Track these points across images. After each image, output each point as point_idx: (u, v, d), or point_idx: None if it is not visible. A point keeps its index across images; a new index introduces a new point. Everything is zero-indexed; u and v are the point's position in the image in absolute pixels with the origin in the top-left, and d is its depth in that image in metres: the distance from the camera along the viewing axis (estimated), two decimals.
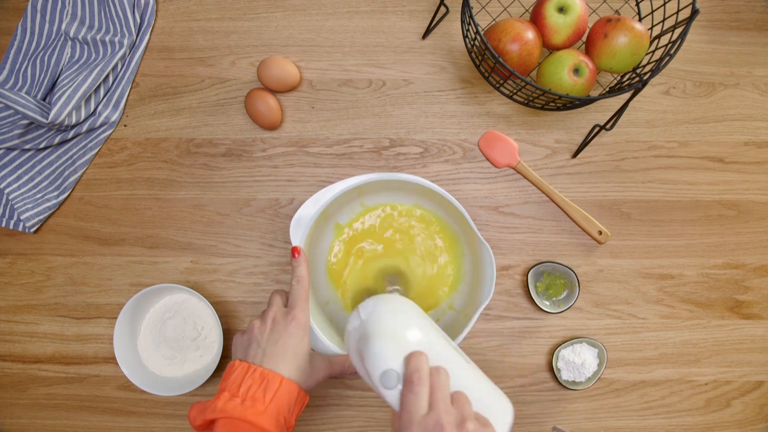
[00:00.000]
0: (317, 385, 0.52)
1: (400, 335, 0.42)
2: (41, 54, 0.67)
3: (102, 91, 0.66)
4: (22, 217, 0.64)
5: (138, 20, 0.67)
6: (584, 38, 0.64)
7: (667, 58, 0.54)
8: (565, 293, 0.65)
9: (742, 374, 0.65)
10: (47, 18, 0.67)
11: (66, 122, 0.63)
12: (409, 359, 0.40)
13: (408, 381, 0.39)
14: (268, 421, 0.44)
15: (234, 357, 0.50)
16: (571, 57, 0.59)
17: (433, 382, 0.40)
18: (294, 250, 0.55)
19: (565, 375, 0.63)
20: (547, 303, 0.65)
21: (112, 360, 0.65)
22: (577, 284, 0.63)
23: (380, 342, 0.41)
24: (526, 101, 0.62)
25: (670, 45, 0.57)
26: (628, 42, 0.57)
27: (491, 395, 0.44)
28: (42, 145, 0.65)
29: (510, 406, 0.44)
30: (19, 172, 0.66)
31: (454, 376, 0.42)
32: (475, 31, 0.55)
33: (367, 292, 0.62)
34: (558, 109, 0.62)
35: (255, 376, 0.46)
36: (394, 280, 0.62)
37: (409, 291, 0.62)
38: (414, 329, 0.43)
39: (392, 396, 0.41)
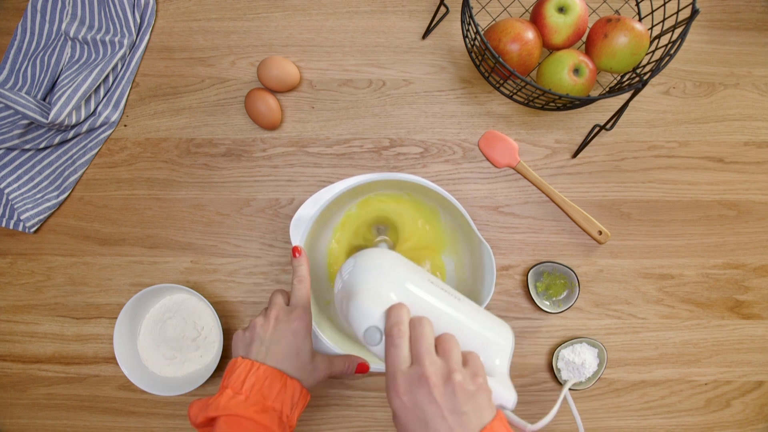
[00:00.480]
0: (318, 385, 0.52)
1: (379, 290, 0.41)
2: (41, 54, 0.67)
3: (102, 91, 0.66)
4: (22, 217, 0.64)
5: (138, 20, 0.67)
6: (584, 38, 0.64)
7: (667, 58, 0.54)
8: (565, 293, 0.65)
9: (742, 374, 0.65)
10: (47, 18, 0.67)
11: (66, 122, 0.63)
12: (389, 313, 0.40)
13: (388, 335, 0.39)
14: (271, 419, 0.44)
15: (235, 354, 0.50)
16: (571, 57, 0.59)
17: (415, 333, 0.39)
18: (294, 250, 0.55)
19: (565, 375, 0.63)
20: (547, 303, 0.65)
21: (112, 360, 0.65)
22: (577, 284, 0.63)
23: (360, 300, 0.41)
24: (526, 101, 0.62)
25: (670, 45, 0.57)
26: (628, 42, 0.57)
27: (486, 326, 0.43)
28: (42, 145, 0.65)
29: (509, 332, 0.43)
30: (19, 172, 0.66)
31: (443, 317, 0.41)
32: (475, 31, 0.55)
33: (358, 248, 0.62)
34: (558, 109, 0.62)
35: (258, 374, 0.46)
36: (382, 230, 0.61)
37: (400, 239, 0.61)
38: (394, 281, 0.42)
39: (379, 351, 0.40)
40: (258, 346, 0.49)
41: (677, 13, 0.58)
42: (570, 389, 0.64)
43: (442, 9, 0.66)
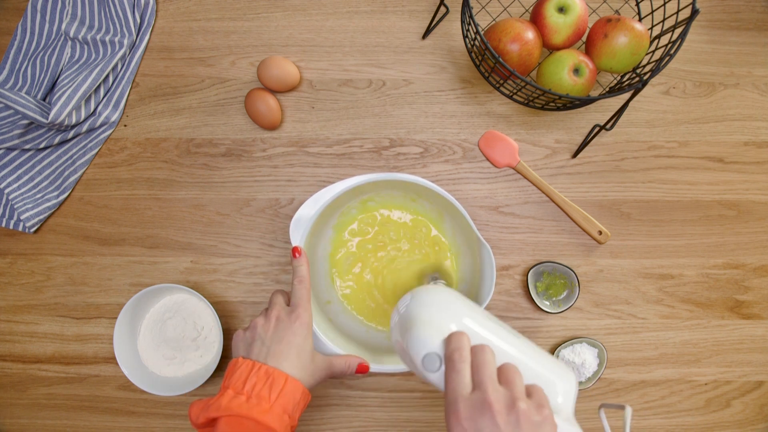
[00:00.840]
0: (318, 384, 0.52)
1: (437, 319, 0.41)
2: (41, 54, 0.67)
3: (102, 91, 0.66)
4: (22, 217, 0.64)
5: (138, 20, 0.67)
6: (584, 38, 0.64)
7: (667, 58, 0.54)
8: (565, 293, 0.65)
9: (742, 374, 0.65)
10: (47, 18, 0.67)
11: (66, 122, 0.63)
12: (449, 339, 0.39)
13: (449, 360, 0.38)
14: (273, 419, 0.44)
15: (235, 354, 0.50)
16: (571, 57, 0.59)
17: (477, 360, 0.38)
18: (294, 250, 0.55)
19: None
20: (547, 303, 0.65)
21: (112, 360, 0.65)
22: (577, 284, 0.63)
23: (418, 329, 0.41)
24: (526, 101, 0.62)
25: (670, 45, 0.57)
26: (628, 42, 0.57)
27: (548, 366, 0.42)
28: (42, 145, 0.65)
29: (571, 374, 0.42)
30: (19, 172, 0.66)
31: (503, 352, 0.41)
32: (475, 31, 0.55)
33: (408, 288, 0.62)
34: (558, 109, 0.62)
35: (260, 374, 0.46)
36: (435, 277, 0.62)
37: (453, 285, 0.62)
38: (452, 312, 0.42)
39: (437, 380, 0.40)
40: (259, 346, 0.48)
41: (677, 13, 0.58)
42: None
43: (442, 9, 0.66)
